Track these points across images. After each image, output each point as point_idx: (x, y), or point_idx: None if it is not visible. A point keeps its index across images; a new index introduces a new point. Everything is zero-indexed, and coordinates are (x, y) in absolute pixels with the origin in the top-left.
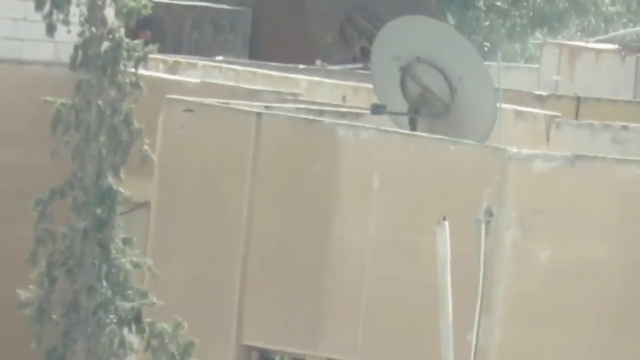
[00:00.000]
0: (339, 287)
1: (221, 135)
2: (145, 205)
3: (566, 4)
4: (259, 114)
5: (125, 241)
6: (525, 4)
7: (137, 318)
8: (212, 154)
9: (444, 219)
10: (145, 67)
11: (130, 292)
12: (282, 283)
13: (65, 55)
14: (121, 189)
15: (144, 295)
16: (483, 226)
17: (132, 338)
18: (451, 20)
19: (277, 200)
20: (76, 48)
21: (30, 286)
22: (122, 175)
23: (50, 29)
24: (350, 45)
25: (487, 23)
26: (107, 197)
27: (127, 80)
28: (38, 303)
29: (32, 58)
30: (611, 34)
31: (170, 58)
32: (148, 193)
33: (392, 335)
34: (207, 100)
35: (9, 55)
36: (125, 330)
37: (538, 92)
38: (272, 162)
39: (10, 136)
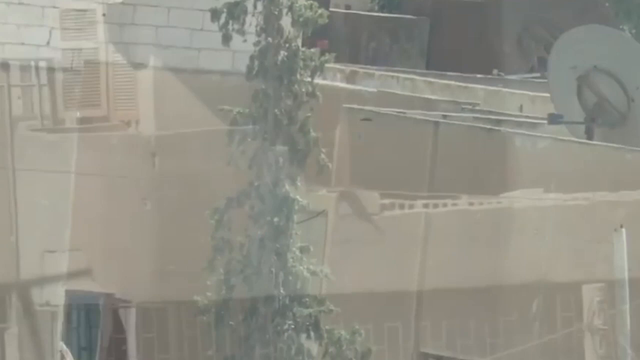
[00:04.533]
0: (512, 299)
1: (398, 144)
2: (323, 213)
3: None
4: (436, 123)
5: (303, 249)
6: None
7: (315, 325)
8: (389, 162)
9: (621, 226)
10: (322, 77)
11: (307, 299)
12: (458, 293)
13: (242, 64)
14: (298, 197)
15: (321, 302)
16: None
17: (311, 345)
18: (629, 30)
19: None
20: (252, 58)
21: (209, 293)
22: (299, 184)
23: (226, 39)
24: (528, 55)
25: None
26: (284, 205)
27: (304, 89)
28: (216, 310)
29: (209, 67)
30: None
31: (347, 67)
32: (326, 202)
33: None
34: (384, 110)
35: (186, 64)
36: (304, 336)
37: None
38: (449, 170)
39: (187, 145)
